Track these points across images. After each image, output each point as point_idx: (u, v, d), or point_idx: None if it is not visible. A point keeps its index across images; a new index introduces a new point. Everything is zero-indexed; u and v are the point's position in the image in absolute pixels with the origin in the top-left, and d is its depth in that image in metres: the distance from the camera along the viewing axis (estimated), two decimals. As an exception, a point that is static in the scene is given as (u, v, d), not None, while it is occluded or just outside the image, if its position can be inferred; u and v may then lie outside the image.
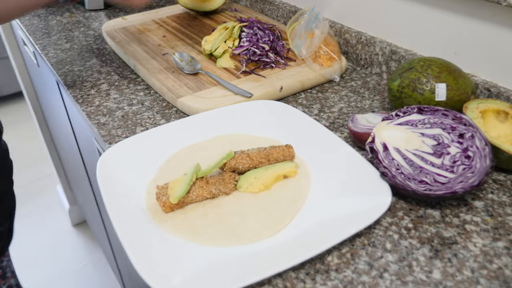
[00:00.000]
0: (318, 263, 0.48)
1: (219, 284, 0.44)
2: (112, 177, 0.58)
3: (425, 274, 0.46)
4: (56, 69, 0.89)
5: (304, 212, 0.54)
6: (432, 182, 0.53)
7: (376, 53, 0.84)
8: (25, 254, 1.90)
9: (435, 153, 0.55)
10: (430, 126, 0.57)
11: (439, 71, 0.66)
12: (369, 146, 0.57)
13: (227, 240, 0.51)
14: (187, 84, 0.78)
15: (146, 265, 0.45)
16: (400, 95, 0.67)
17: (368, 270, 0.47)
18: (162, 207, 0.54)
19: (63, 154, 1.65)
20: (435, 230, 0.52)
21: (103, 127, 0.71)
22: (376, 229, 0.52)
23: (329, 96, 0.79)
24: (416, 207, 0.55)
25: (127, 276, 1.29)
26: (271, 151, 0.60)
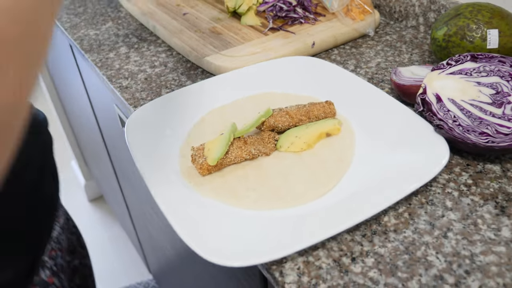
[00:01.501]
0: (374, 224, 0.44)
1: (269, 249, 0.40)
2: (142, 141, 0.54)
3: (493, 232, 0.43)
4: (71, 34, 0.84)
5: (353, 171, 0.50)
6: (494, 134, 0.48)
7: (412, 4, 0.78)
8: (45, 230, 1.90)
9: (495, 102, 0.50)
10: (487, 74, 0.52)
11: (491, 16, 0.60)
12: (420, 98, 0.53)
13: (272, 203, 0.47)
14: (212, 43, 0.73)
15: (190, 233, 0.42)
16: (446, 44, 0.62)
17: (430, 230, 0.43)
18: (199, 170, 0.50)
19: (77, 128, 1.62)
20: (498, 186, 0.47)
21: (126, 91, 0.67)
22: (433, 186, 0.48)
23: (364, 51, 0.74)
24: (474, 162, 0.51)
25: (150, 248, 1.28)
26: (311, 108, 0.56)
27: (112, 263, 1.72)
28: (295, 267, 0.41)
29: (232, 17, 0.82)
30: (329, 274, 0.40)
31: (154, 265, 1.37)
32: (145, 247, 1.37)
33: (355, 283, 0.39)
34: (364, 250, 0.42)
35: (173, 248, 0.93)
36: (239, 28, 0.78)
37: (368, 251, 0.42)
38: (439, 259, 0.40)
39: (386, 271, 0.40)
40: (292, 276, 0.40)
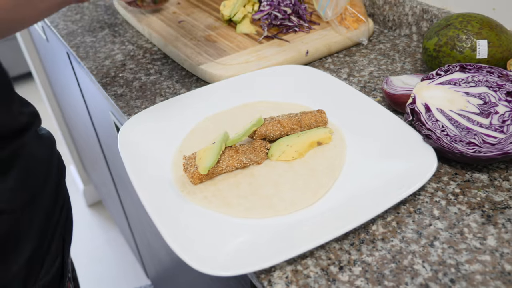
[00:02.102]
0: (362, 232, 0.45)
1: (258, 258, 0.41)
2: (135, 149, 0.54)
3: (479, 241, 0.43)
4: (68, 41, 0.85)
5: (343, 180, 0.51)
6: (481, 144, 0.49)
7: (406, 13, 0.79)
8: (43, 234, 1.90)
9: (482, 112, 0.51)
10: (475, 84, 0.53)
11: (480, 27, 0.61)
12: (410, 107, 0.53)
13: (263, 211, 0.48)
14: (207, 51, 0.74)
15: (179, 242, 0.42)
16: (437, 54, 0.63)
17: (417, 238, 0.44)
18: (190, 179, 0.51)
19: (76, 133, 1.62)
20: (485, 195, 0.48)
21: (120, 99, 0.68)
22: (421, 195, 0.49)
23: (358, 59, 0.74)
24: (462, 171, 0.51)
25: (147, 254, 1.28)
26: (302, 117, 0.57)
27: (111, 267, 1.73)
28: (284, 276, 0.41)
29: (227, 25, 0.83)
30: (316, 282, 0.41)
31: (152, 270, 1.37)
32: (143, 253, 1.38)
33: (342, 292, 0.40)
34: (352, 259, 0.43)
35: (168, 254, 0.93)
36: (234, 36, 0.79)
37: (355, 260, 0.42)
38: (425, 268, 0.41)
39: (373, 280, 0.40)
40: (280, 285, 0.41)
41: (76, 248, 1.80)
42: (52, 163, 0.53)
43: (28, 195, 0.46)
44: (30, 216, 0.47)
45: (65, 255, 0.53)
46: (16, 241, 0.45)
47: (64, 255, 0.53)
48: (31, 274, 0.47)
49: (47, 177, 0.51)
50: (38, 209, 0.48)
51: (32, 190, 0.47)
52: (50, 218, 0.50)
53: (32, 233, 0.47)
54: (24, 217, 0.46)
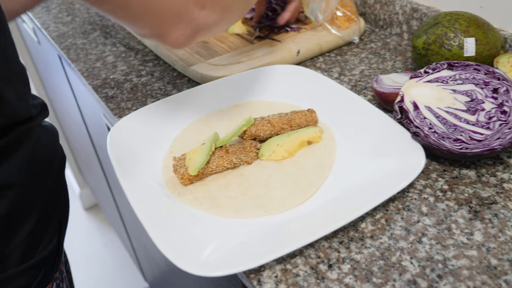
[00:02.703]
0: (351, 230, 0.45)
1: (247, 257, 0.41)
2: (124, 151, 0.55)
3: (466, 236, 0.44)
4: (58, 43, 0.85)
5: (333, 178, 0.51)
6: (468, 140, 0.49)
7: (396, 12, 0.79)
8: (39, 238, 1.89)
9: (469, 109, 0.51)
10: (462, 82, 0.53)
11: (467, 25, 0.61)
12: (398, 105, 0.54)
13: (253, 211, 0.48)
14: (198, 52, 0.74)
15: (168, 243, 0.43)
16: (426, 52, 0.63)
17: (406, 235, 0.44)
18: (180, 180, 0.51)
19: (70, 136, 1.62)
20: (472, 191, 0.49)
21: (111, 100, 0.68)
22: (410, 192, 0.49)
23: (349, 59, 0.75)
24: (450, 167, 0.52)
25: (144, 257, 1.28)
26: (293, 117, 0.57)
27: (108, 270, 1.73)
28: (273, 275, 0.42)
29: (218, 26, 0.83)
30: (306, 281, 0.41)
31: (149, 273, 1.38)
32: (140, 256, 1.38)
33: (331, 289, 0.40)
34: (341, 257, 0.43)
35: (164, 257, 0.93)
36: (226, 37, 0.79)
37: (344, 258, 0.43)
38: (413, 264, 0.41)
39: (361, 277, 0.41)
40: (269, 284, 0.41)
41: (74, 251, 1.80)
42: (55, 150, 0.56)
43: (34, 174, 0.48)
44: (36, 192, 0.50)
45: (61, 236, 0.55)
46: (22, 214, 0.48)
47: (60, 236, 0.55)
48: (29, 248, 0.49)
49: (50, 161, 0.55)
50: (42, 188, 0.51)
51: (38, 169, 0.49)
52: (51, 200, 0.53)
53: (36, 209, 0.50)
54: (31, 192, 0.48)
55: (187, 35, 0.44)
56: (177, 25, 0.42)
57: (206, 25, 0.45)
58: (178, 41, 0.44)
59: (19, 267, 0.47)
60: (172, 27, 0.42)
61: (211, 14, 0.44)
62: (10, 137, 0.44)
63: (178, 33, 0.43)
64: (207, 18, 0.44)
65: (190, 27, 0.43)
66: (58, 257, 0.55)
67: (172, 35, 0.43)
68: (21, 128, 0.46)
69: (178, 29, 0.43)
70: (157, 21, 0.42)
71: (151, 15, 0.41)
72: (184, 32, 0.43)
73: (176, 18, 0.42)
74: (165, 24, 0.42)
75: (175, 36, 0.43)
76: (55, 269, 0.54)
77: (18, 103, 0.45)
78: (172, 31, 0.43)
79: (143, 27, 0.43)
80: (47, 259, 0.51)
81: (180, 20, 0.42)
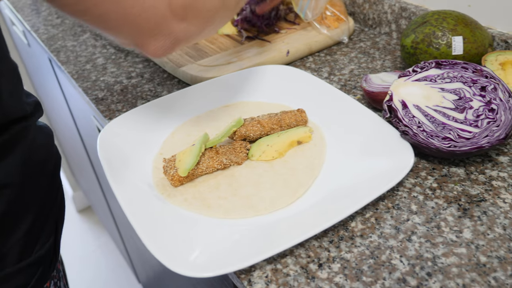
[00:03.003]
0: (341, 230, 0.46)
1: (238, 258, 0.41)
2: (114, 153, 0.54)
3: (455, 234, 0.44)
4: (48, 46, 0.85)
5: (322, 178, 0.51)
6: (456, 138, 0.50)
7: (385, 11, 0.80)
8: (32, 241, 1.88)
9: (457, 108, 0.52)
10: (450, 80, 0.54)
11: (455, 23, 0.62)
12: (387, 104, 0.54)
13: (243, 212, 0.48)
14: (188, 53, 0.74)
15: (158, 244, 0.42)
16: (414, 51, 0.64)
17: (395, 233, 0.44)
18: (170, 181, 0.51)
19: (62, 139, 1.61)
20: (461, 189, 0.49)
21: (101, 102, 0.68)
22: (399, 191, 0.49)
23: (338, 58, 0.75)
24: (439, 166, 0.52)
25: (137, 259, 1.28)
26: (282, 117, 0.57)
27: (102, 273, 1.72)
28: (263, 275, 0.42)
29: (208, 27, 0.83)
30: (296, 281, 0.41)
31: (143, 274, 1.37)
32: (133, 257, 1.37)
33: (321, 289, 0.40)
34: (331, 256, 0.43)
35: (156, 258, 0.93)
36: (216, 38, 0.79)
37: (334, 257, 0.43)
38: (403, 262, 0.42)
39: (351, 276, 0.41)
40: (260, 284, 0.41)
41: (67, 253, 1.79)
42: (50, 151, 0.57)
43: (30, 173, 0.49)
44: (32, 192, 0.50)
45: (57, 236, 0.55)
46: (19, 213, 0.48)
47: (57, 236, 0.55)
48: (27, 247, 0.49)
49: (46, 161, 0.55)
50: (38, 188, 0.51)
51: (33, 169, 0.50)
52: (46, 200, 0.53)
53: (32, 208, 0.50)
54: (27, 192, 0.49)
55: (166, 46, 0.43)
56: (155, 37, 0.42)
57: (186, 37, 0.44)
58: (157, 51, 0.44)
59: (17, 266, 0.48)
60: (151, 38, 0.42)
61: (191, 26, 0.43)
62: (6, 136, 0.45)
63: (157, 44, 0.43)
64: (187, 31, 0.43)
65: (169, 39, 0.43)
66: (55, 256, 0.55)
67: (151, 46, 0.43)
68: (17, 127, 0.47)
69: (156, 41, 0.43)
70: (135, 32, 0.41)
71: (129, 26, 0.41)
72: (163, 43, 0.43)
73: (154, 30, 0.42)
74: (143, 35, 0.42)
75: (154, 47, 0.43)
76: (53, 268, 0.54)
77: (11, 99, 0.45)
78: (151, 42, 0.43)
79: (122, 37, 0.43)
80: (44, 258, 0.52)
81: (159, 32, 0.42)
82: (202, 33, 0.46)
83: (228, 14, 0.48)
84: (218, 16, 0.46)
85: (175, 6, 0.41)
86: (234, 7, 0.49)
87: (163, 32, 0.42)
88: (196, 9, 0.42)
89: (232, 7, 0.48)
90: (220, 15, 0.47)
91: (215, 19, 0.46)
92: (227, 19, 0.49)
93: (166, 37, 0.43)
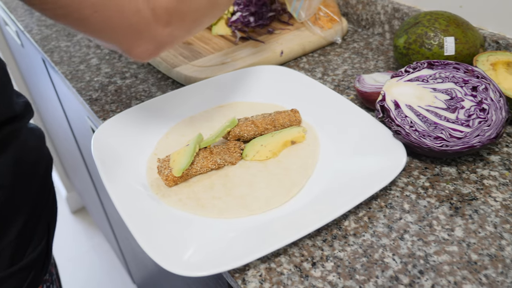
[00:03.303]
0: (334, 229, 0.46)
1: (232, 257, 0.41)
2: (108, 153, 0.54)
3: (447, 232, 0.44)
4: (42, 46, 0.85)
5: (316, 177, 0.52)
6: (448, 138, 0.50)
7: (378, 12, 0.80)
8: (25, 243, 1.87)
9: (449, 108, 0.52)
10: (442, 80, 0.54)
11: (447, 24, 0.62)
12: (380, 104, 0.55)
13: (237, 211, 0.48)
14: (182, 54, 0.74)
15: (153, 244, 0.43)
16: (407, 51, 0.64)
17: (388, 232, 0.45)
18: (164, 181, 0.51)
19: (56, 140, 1.61)
20: (453, 187, 0.49)
21: (95, 103, 0.68)
22: (392, 190, 0.50)
23: (332, 59, 0.76)
24: (431, 165, 0.53)
25: (132, 259, 1.28)
26: (276, 117, 0.57)
27: (96, 273, 1.71)
28: (257, 274, 0.42)
29: (202, 27, 0.83)
30: (290, 279, 0.41)
31: (137, 275, 1.37)
32: (128, 258, 1.37)
33: (314, 287, 0.40)
34: (324, 255, 0.43)
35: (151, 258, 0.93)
36: (210, 38, 0.79)
37: (328, 256, 0.43)
38: (395, 261, 0.42)
39: (344, 275, 0.41)
40: (254, 283, 0.41)
41: (61, 255, 1.78)
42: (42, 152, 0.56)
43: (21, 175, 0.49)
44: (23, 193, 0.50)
45: (49, 238, 0.55)
46: (9, 215, 0.48)
47: (49, 239, 0.55)
48: (18, 250, 0.49)
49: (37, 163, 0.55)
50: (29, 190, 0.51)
51: (25, 171, 0.50)
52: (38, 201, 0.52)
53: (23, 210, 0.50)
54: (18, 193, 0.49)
55: (151, 50, 0.43)
56: (138, 42, 0.42)
57: (172, 40, 0.44)
58: (141, 56, 0.43)
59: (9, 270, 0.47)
60: (134, 44, 0.42)
61: (177, 30, 0.43)
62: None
63: (141, 49, 0.42)
64: (172, 34, 0.43)
65: (154, 43, 0.42)
66: (48, 259, 0.55)
67: (134, 51, 0.43)
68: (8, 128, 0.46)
69: (140, 46, 0.42)
70: (118, 37, 0.41)
71: (111, 31, 0.40)
72: (147, 48, 0.43)
73: (137, 36, 0.41)
74: (126, 40, 0.41)
75: (138, 52, 0.43)
76: (45, 271, 0.54)
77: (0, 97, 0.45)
78: (134, 47, 0.42)
79: (105, 41, 0.42)
80: (36, 261, 0.51)
81: (142, 38, 0.41)
82: (189, 34, 0.46)
83: (219, 11, 0.48)
84: (206, 15, 0.46)
85: (158, 12, 0.40)
86: (226, 3, 0.48)
87: (146, 38, 0.42)
88: (181, 13, 0.42)
89: (223, 4, 0.48)
90: (209, 14, 0.46)
91: (204, 19, 0.46)
92: (217, 16, 0.48)
93: (149, 42, 0.42)
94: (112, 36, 0.41)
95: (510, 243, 0.43)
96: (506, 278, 0.40)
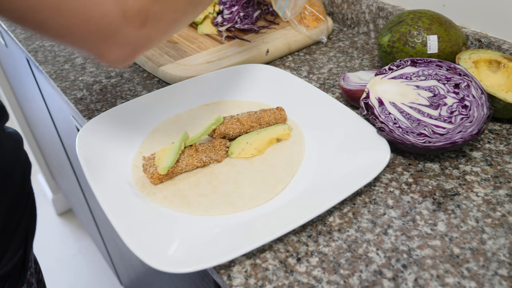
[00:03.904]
0: (319, 224, 0.46)
1: (217, 253, 0.41)
2: (93, 152, 0.54)
3: (430, 227, 0.45)
4: (26, 46, 0.84)
5: (301, 174, 0.52)
6: (431, 134, 0.51)
7: (363, 11, 0.81)
8: (11, 246, 1.84)
9: (432, 104, 0.53)
10: (425, 78, 0.55)
11: (430, 22, 0.63)
12: (364, 102, 0.55)
13: (222, 208, 0.48)
14: (168, 53, 0.74)
15: (137, 241, 0.42)
16: (391, 50, 0.65)
17: (372, 227, 0.45)
18: (150, 179, 0.51)
19: (41, 141, 1.59)
20: (436, 183, 0.50)
21: (80, 102, 0.67)
22: (376, 186, 0.50)
23: (317, 57, 0.76)
24: (415, 161, 0.53)
25: (119, 261, 1.27)
26: (262, 115, 0.58)
27: (84, 276, 1.69)
28: (243, 270, 0.42)
29: (188, 26, 0.83)
30: (275, 275, 0.41)
31: (125, 277, 1.36)
32: (115, 260, 1.36)
33: (299, 282, 0.41)
34: (309, 250, 0.44)
35: (139, 259, 0.92)
36: (196, 37, 0.79)
37: (313, 251, 0.43)
38: (379, 255, 0.42)
39: (329, 269, 0.42)
40: (239, 279, 0.41)
41: (47, 257, 1.76)
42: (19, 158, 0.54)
43: None
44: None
45: (27, 248, 0.53)
46: None
47: (27, 248, 0.53)
48: None
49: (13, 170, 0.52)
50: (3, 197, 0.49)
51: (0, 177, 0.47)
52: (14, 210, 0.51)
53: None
54: None
55: (126, 55, 0.39)
56: (110, 47, 0.37)
57: (149, 42, 0.40)
58: (117, 61, 0.39)
59: None
60: (105, 49, 0.38)
61: (154, 31, 0.39)
62: None
63: (114, 54, 0.38)
64: (149, 36, 0.39)
65: (128, 47, 0.38)
66: (24, 270, 0.52)
67: (108, 56, 0.38)
68: None
69: (113, 51, 0.38)
70: (85, 43, 0.37)
71: (75, 37, 0.36)
72: (122, 53, 0.38)
73: (107, 41, 0.37)
74: (95, 46, 0.37)
75: (112, 57, 0.39)
76: (21, 283, 0.52)
77: None
78: (107, 53, 0.38)
79: (74, 47, 0.39)
80: (11, 272, 0.49)
81: (113, 42, 0.37)
82: (170, 34, 0.42)
83: (201, 8, 0.44)
84: (187, 14, 0.42)
85: (130, 14, 0.36)
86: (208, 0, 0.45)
87: (119, 41, 0.37)
88: (158, 14, 0.38)
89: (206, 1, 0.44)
90: (190, 13, 0.42)
91: (184, 18, 0.42)
92: (199, 13, 0.45)
93: (123, 46, 0.38)
94: (78, 42, 0.37)
95: (491, 237, 0.44)
96: (488, 271, 0.41)
